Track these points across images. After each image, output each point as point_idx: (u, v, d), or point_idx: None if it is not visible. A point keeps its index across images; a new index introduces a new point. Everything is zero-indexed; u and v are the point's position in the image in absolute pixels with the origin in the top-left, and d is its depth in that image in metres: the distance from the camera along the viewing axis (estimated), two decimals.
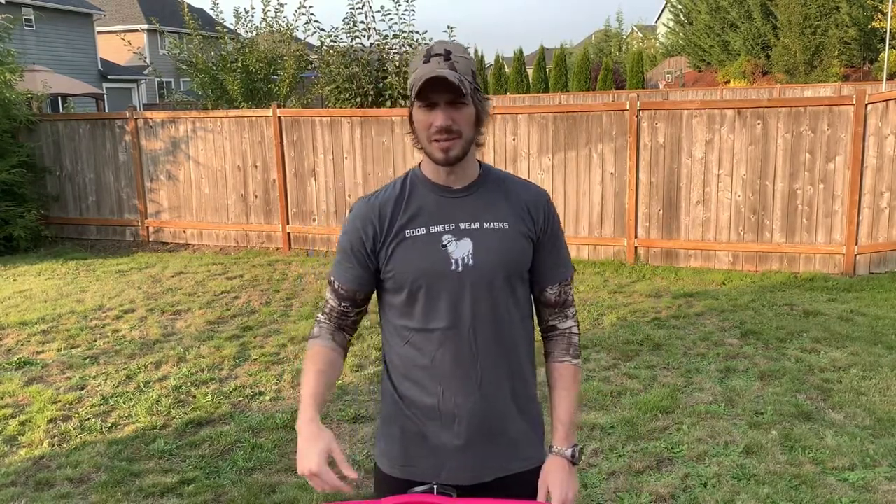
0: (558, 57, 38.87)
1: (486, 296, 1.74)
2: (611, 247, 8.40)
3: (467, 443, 1.76)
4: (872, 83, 27.07)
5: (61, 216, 10.88)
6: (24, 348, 6.06)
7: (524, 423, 1.82)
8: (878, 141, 7.38)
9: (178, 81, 31.84)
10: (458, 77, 1.63)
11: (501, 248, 1.75)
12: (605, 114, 8.27)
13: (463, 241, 1.73)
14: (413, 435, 1.80)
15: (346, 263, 1.81)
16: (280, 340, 6.07)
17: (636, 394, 4.78)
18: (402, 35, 11.56)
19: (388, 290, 1.80)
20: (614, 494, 3.63)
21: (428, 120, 1.67)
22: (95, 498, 3.75)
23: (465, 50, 1.71)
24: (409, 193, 1.78)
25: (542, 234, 1.81)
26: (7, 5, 24.21)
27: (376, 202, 1.79)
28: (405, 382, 1.80)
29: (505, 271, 1.75)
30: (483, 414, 1.76)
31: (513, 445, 1.81)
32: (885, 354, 5.34)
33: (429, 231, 1.74)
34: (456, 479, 1.77)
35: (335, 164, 9.36)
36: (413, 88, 1.65)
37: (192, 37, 12.83)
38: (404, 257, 1.74)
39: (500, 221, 1.76)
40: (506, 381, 1.78)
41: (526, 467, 1.82)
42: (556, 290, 1.85)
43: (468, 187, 1.78)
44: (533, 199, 1.82)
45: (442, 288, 1.73)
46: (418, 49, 11.22)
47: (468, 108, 1.68)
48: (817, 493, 3.55)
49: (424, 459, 1.79)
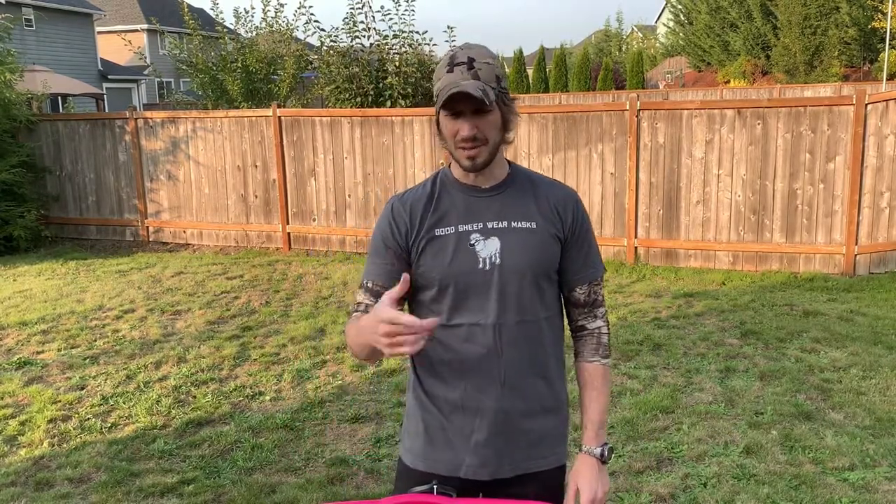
0: (558, 57, 38.86)
1: (512, 294, 1.76)
2: (611, 247, 8.40)
3: (488, 438, 1.78)
4: (872, 83, 27.07)
5: (61, 216, 10.88)
6: (24, 348, 6.06)
7: (547, 422, 1.84)
8: (878, 141, 7.38)
9: (178, 81, 31.84)
10: (482, 87, 1.64)
11: (529, 247, 1.77)
12: (605, 114, 8.27)
13: (491, 241, 1.76)
14: (435, 429, 1.82)
15: (380, 260, 1.81)
16: (280, 340, 6.07)
17: (636, 394, 4.78)
18: (402, 35, 11.56)
19: (417, 287, 1.81)
20: (614, 494, 3.63)
21: (454, 128, 1.69)
22: (95, 498, 3.75)
23: (490, 54, 1.72)
24: (439, 193, 1.81)
25: (571, 235, 1.83)
26: (7, 5, 24.20)
27: (408, 201, 1.81)
28: (430, 378, 1.83)
29: (532, 271, 1.77)
30: (505, 411, 1.78)
31: (534, 443, 1.82)
32: (885, 354, 5.34)
33: (457, 230, 1.76)
34: (475, 474, 1.80)
35: (335, 164, 9.36)
36: (438, 98, 1.67)
37: (192, 37, 12.83)
38: (433, 255, 1.76)
39: (528, 221, 1.78)
40: (530, 380, 1.80)
41: (546, 466, 1.83)
42: (586, 290, 1.87)
43: (496, 187, 1.80)
44: (562, 199, 1.83)
45: (469, 286, 1.75)
46: (413, 49, 11.24)
47: (493, 114, 1.70)
48: (817, 493, 3.55)
49: (445, 453, 1.81)
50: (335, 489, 3.76)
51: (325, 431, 4.44)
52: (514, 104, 1.77)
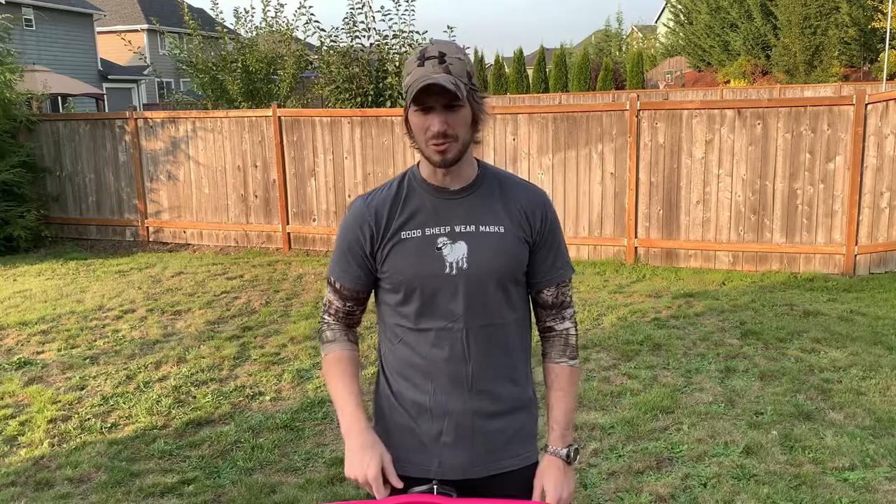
0: (558, 57, 38.86)
1: (479, 299, 1.75)
2: (611, 247, 8.40)
3: (457, 440, 1.78)
4: (872, 83, 27.08)
5: (61, 216, 10.88)
6: (24, 348, 6.06)
7: (516, 422, 1.84)
8: (878, 141, 7.38)
9: (178, 81, 31.84)
10: (454, 81, 1.62)
11: (497, 252, 1.75)
12: (605, 114, 8.27)
13: (458, 245, 1.74)
14: (405, 431, 1.82)
15: (346, 263, 1.82)
16: (280, 340, 6.07)
17: (636, 394, 4.78)
18: (402, 35, 11.57)
19: (384, 289, 1.81)
20: (614, 494, 3.63)
21: (424, 124, 1.67)
22: (95, 498, 3.75)
23: (461, 50, 1.70)
24: (406, 194, 1.78)
25: (540, 238, 1.81)
26: (7, 5, 24.20)
27: (373, 202, 1.79)
28: (399, 380, 1.82)
29: (499, 275, 1.76)
30: (474, 412, 1.78)
31: (504, 443, 1.82)
32: (885, 354, 5.34)
33: (424, 233, 1.74)
34: (446, 474, 1.79)
35: (335, 164, 9.36)
36: (408, 93, 1.65)
37: (192, 37, 12.82)
38: (400, 259, 1.75)
39: (496, 225, 1.76)
40: (498, 382, 1.79)
41: (518, 465, 1.83)
42: (554, 293, 1.85)
43: (465, 188, 1.78)
44: (531, 201, 1.81)
45: (436, 290, 1.74)
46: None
47: (464, 110, 1.67)
48: (817, 493, 3.55)
49: (416, 455, 1.81)
50: (335, 489, 3.75)
51: (325, 431, 4.44)
52: (484, 102, 1.75)
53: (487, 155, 8.66)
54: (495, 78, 39.23)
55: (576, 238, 8.46)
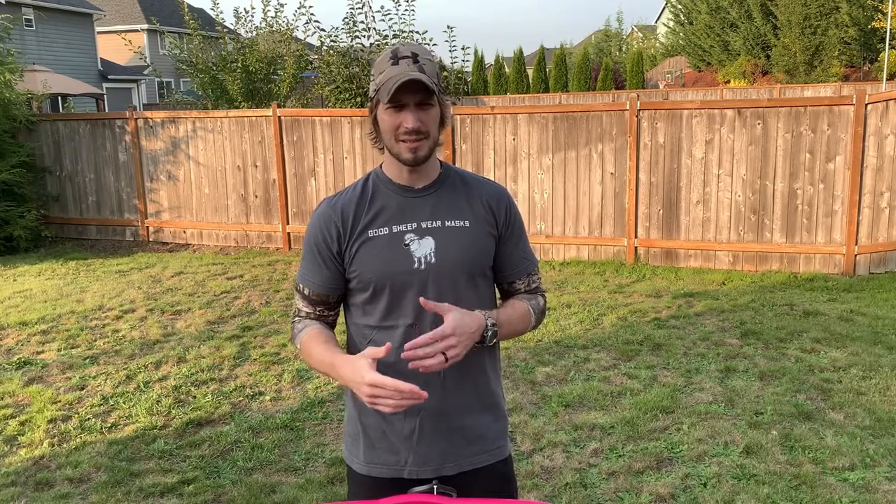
0: (558, 57, 38.85)
1: (449, 293, 1.77)
2: (611, 247, 8.40)
3: (428, 437, 1.80)
4: (872, 83, 27.09)
5: (61, 216, 10.88)
6: (24, 348, 6.06)
7: (486, 418, 1.86)
8: (878, 141, 7.39)
9: (178, 81, 31.84)
10: (428, 79, 1.68)
11: (463, 245, 1.79)
12: (605, 114, 8.27)
13: (425, 240, 1.77)
14: (376, 432, 1.83)
15: (314, 267, 1.83)
16: (280, 340, 6.07)
17: (636, 394, 4.78)
18: (401, 35, 11.57)
19: (352, 289, 1.83)
20: (614, 494, 3.63)
21: (396, 121, 1.71)
22: (95, 498, 3.75)
23: (430, 52, 1.76)
24: (372, 194, 1.82)
25: (506, 230, 1.86)
26: (7, 5, 24.20)
27: (338, 203, 1.82)
28: None
29: (467, 268, 1.80)
30: (445, 409, 1.80)
31: (475, 440, 1.84)
32: (885, 354, 5.34)
33: (391, 230, 1.78)
34: (418, 473, 1.81)
35: (335, 164, 9.36)
36: (382, 90, 1.68)
37: (192, 37, 12.83)
38: (368, 256, 1.77)
39: (461, 219, 1.81)
40: (469, 378, 1.82)
41: (489, 461, 1.86)
42: (525, 282, 1.91)
43: (429, 186, 1.82)
44: (494, 196, 1.86)
45: (405, 286, 1.76)
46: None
47: (435, 109, 1.73)
48: (817, 493, 3.55)
49: (387, 455, 1.82)
50: (335, 489, 3.76)
51: (325, 431, 4.44)
52: (449, 104, 1.81)
53: (487, 155, 8.66)
54: (495, 78, 39.20)
55: (576, 238, 8.46)
